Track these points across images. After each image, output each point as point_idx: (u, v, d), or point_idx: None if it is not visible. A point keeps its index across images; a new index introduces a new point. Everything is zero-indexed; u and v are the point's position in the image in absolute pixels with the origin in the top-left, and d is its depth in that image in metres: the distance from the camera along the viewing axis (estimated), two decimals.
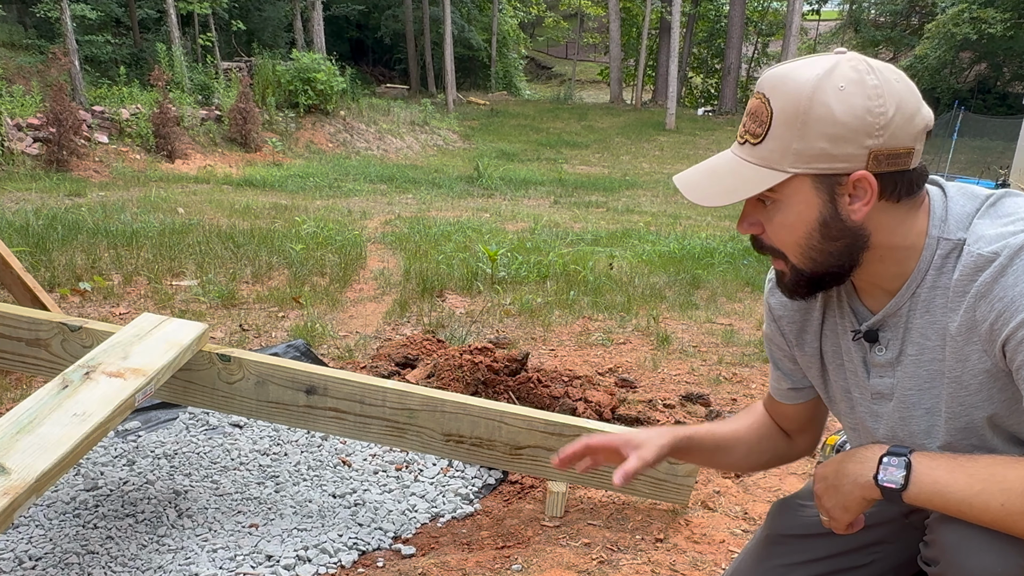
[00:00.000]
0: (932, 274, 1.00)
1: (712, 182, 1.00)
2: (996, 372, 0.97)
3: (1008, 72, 27.20)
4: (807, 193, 0.96)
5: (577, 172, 15.16)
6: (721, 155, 1.02)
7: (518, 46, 31.91)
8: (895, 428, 1.10)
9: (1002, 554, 0.92)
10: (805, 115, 0.92)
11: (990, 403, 1.00)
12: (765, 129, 0.95)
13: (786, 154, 0.94)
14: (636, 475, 1.14)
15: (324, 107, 15.63)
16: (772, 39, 33.14)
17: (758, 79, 1.00)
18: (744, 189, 0.97)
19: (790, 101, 0.93)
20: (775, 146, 0.95)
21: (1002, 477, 0.89)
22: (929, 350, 1.03)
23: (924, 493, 0.93)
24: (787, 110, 0.94)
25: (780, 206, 0.98)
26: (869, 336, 1.08)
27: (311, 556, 1.84)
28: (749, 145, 0.98)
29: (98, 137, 11.18)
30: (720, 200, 0.98)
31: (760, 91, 0.97)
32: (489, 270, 4.92)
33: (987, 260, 0.93)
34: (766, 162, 0.96)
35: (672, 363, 3.35)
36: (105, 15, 16.06)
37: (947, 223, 1.00)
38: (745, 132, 0.99)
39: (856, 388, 1.15)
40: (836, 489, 1.03)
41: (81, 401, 1.57)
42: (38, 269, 4.41)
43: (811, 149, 0.94)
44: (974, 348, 0.97)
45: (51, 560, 1.77)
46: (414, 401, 1.95)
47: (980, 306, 0.94)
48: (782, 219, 0.98)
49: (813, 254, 0.99)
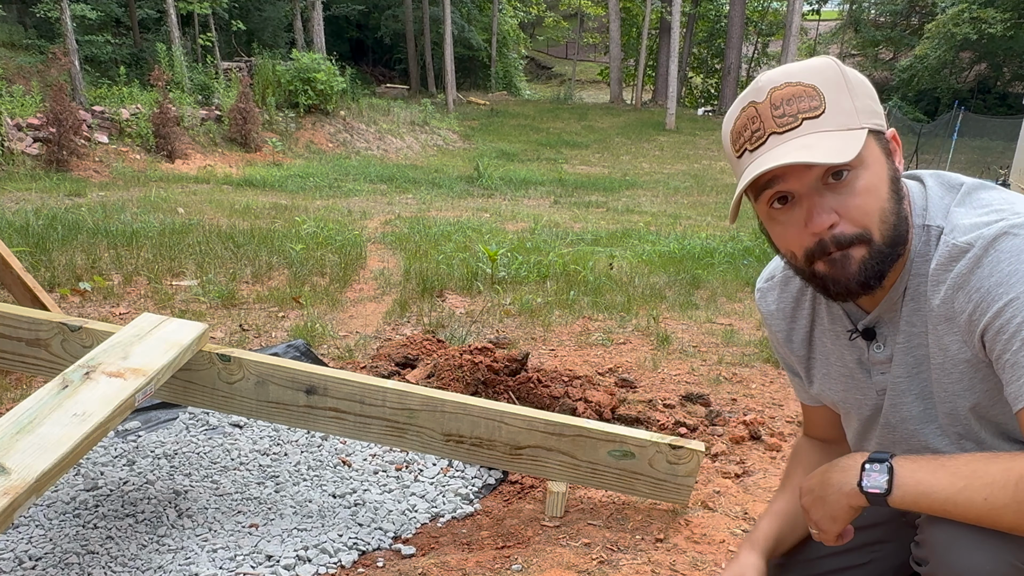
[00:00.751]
0: (917, 261, 1.02)
1: (819, 151, 0.93)
2: (976, 362, 0.98)
3: (1008, 72, 27.21)
4: (876, 151, 0.97)
5: (577, 172, 15.16)
6: (788, 139, 0.95)
7: (518, 46, 31.92)
8: (888, 416, 1.12)
9: (991, 552, 0.93)
10: (846, 80, 0.96)
11: (972, 392, 1.01)
12: (821, 100, 0.95)
13: (852, 113, 0.95)
14: None
15: (324, 107, 15.63)
16: (772, 39, 33.15)
17: (760, 86, 0.98)
18: (851, 147, 0.92)
19: (827, 73, 0.97)
20: (839, 109, 0.95)
21: (984, 472, 0.90)
22: (915, 336, 1.04)
23: (909, 495, 0.94)
24: (830, 80, 0.96)
25: (859, 172, 0.95)
26: (867, 334, 1.09)
27: (311, 556, 1.84)
28: (810, 120, 0.95)
29: (98, 137, 11.18)
30: (846, 155, 0.91)
31: (784, 82, 0.97)
32: (489, 270, 4.92)
33: (961, 251, 0.95)
34: (843, 126, 0.95)
35: (672, 363, 3.35)
36: (105, 15, 16.06)
37: (928, 211, 1.02)
38: (796, 113, 0.95)
39: (854, 392, 1.16)
40: (822, 500, 1.04)
41: (81, 401, 1.57)
42: (38, 269, 4.41)
43: (866, 107, 0.97)
44: (954, 339, 0.99)
45: (51, 560, 1.77)
46: (414, 401, 1.95)
47: (958, 297, 0.96)
48: (865, 183, 0.95)
49: (892, 219, 0.97)
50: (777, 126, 0.96)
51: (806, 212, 0.97)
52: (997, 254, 0.92)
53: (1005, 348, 0.91)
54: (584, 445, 1.93)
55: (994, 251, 0.92)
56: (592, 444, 1.93)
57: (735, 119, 1.01)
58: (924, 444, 1.10)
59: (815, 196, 0.96)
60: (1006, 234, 0.92)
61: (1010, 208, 0.95)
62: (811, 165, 0.93)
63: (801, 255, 1.00)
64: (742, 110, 1.00)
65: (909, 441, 1.12)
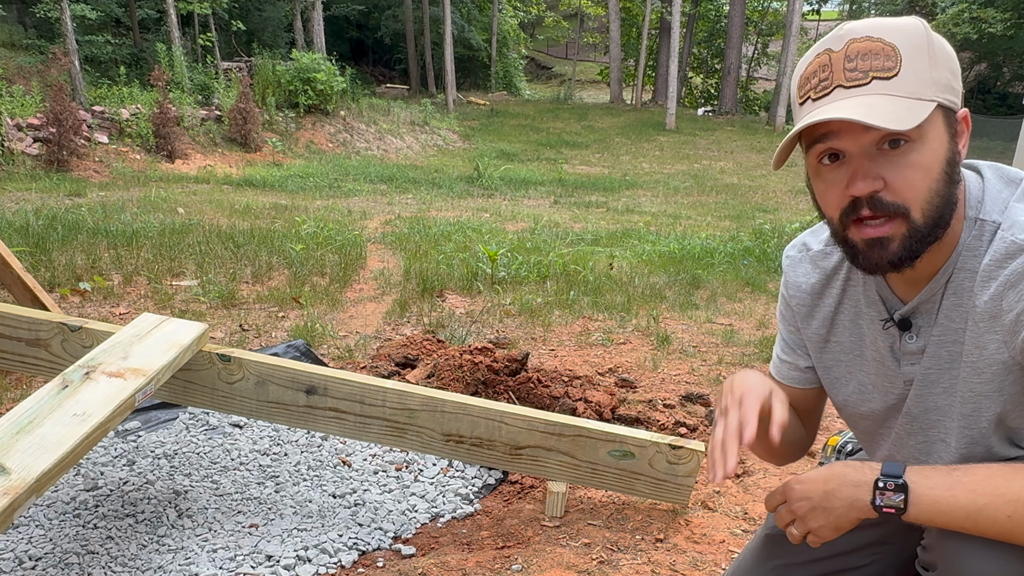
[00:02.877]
0: (965, 255, 0.98)
1: (878, 113, 0.89)
2: (1012, 365, 0.96)
3: (1008, 72, 27.21)
4: (940, 128, 0.92)
5: (577, 172, 15.16)
6: (853, 95, 0.92)
7: (518, 46, 31.91)
8: (911, 406, 1.09)
9: (1001, 560, 0.92)
10: (930, 46, 0.92)
11: (1000, 395, 0.99)
12: (897, 62, 0.91)
13: (925, 83, 0.91)
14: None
15: (324, 107, 15.63)
16: (772, 39, 33.13)
17: (841, 34, 0.94)
18: (914, 117, 0.88)
19: (911, 35, 0.92)
20: (914, 76, 0.90)
21: (1006, 489, 0.89)
22: (952, 331, 1.01)
23: (925, 514, 0.93)
24: (913, 41, 0.91)
25: (917, 145, 0.91)
26: (902, 324, 1.06)
27: (311, 556, 1.84)
28: (880, 81, 0.90)
29: (98, 137, 11.18)
30: (907, 123, 0.88)
31: (865, 35, 0.92)
32: (489, 270, 4.92)
33: (1019, 248, 0.92)
34: (911, 93, 0.90)
35: (672, 363, 3.35)
36: (105, 15, 16.06)
37: (983, 204, 0.98)
38: (868, 70, 0.91)
39: (882, 378, 1.12)
40: (827, 511, 1.01)
41: (81, 401, 1.57)
42: (38, 269, 4.41)
43: (943, 78, 0.92)
44: (993, 337, 0.96)
45: (51, 560, 1.77)
46: (414, 401, 1.95)
47: (1008, 295, 0.93)
48: (919, 158, 0.91)
49: (938, 201, 0.92)
50: (846, 80, 0.92)
51: (852, 173, 0.93)
52: None
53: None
54: (584, 445, 1.93)
55: None
56: (592, 444, 1.93)
57: (807, 64, 0.97)
58: (941, 437, 1.08)
59: (865, 159, 0.92)
60: None
61: None
62: (868, 127, 0.89)
63: (837, 216, 0.97)
64: (816, 56, 0.96)
65: (927, 432, 1.09)
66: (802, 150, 1.00)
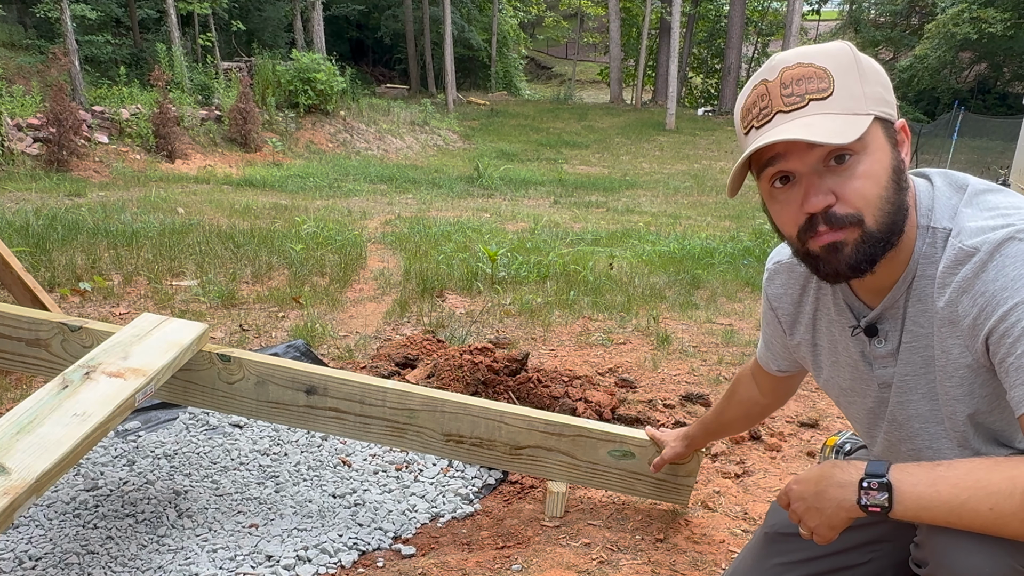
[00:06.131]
0: (923, 263, 1.02)
1: (819, 130, 0.94)
2: (977, 368, 0.99)
3: (1008, 72, 27.20)
4: (880, 139, 0.97)
5: (577, 172, 15.16)
6: (793, 119, 0.97)
7: (518, 46, 31.92)
8: (895, 412, 1.12)
9: (991, 555, 0.93)
10: (858, 65, 0.97)
11: (971, 398, 1.01)
12: (830, 83, 0.96)
13: (859, 98, 0.96)
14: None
15: (324, 107, 15.63)
16: (772, 39, 33.15)
17: (773, 64, 1.00)
18: (852, 130, 0.94)
19: (839, 57, 0.97)
20: (847, 93, 0.95)
21: (987, 482, 0.90)
22: (922, 337, 1.04)
23: (910, 510, 0.94)
24: (842, 63, 0.97)
25: (861, 157, 0.96)
26: (869, 330, 1.10)
27: (311, 556, 1.84)
28: (817, 102, 0.96)
29: (98, 137, 11.18)
30: (848, 137, 0.93)
31: (796, 62, 0.98)
32: (489, 270, 4.92)
33: (967, 254, 0.95)
34: (848, 110, 0.95)
35: (672, 363, 3.35)
36: (105, 15, 16.06)
37: (934, 212, 1.02)
38: (804, 93, 0.96)
39: (858, 382, 1.16)
40: (819, 511, 1.03)
41: (81, 401, 1.57)
42: (38, 269, 4.41)
43: (875, 93, 0.97)
44: (956, 342, 0.99)
45: (51, 560, 1.77)
46: (414, 401, 1.95)
47: (962, 301, 0.96)
48: (866, 169, 0.96)
49: (888, 207, 0.97)
50: (784, 105, 0.97)
51: (804, 191, 0.98)
52: (1003, 259, 0.92)
53: (1008, 352, 0.91)
54: (584, 445, 1.93)
55: (1000, 256, 0.92)
56: (592, 444, 1.93)
57: (746, 96, 1.03)
58: (928, 444, 1.10)
59: (815, 177, 0.97)
60: (1012, 239, 0.92)
61: (1017, 213, 0.95)
62: (813, 145, 0.94)
63: (795, 234, 1.01)
64: (754, 88, 1.01)
65: (914, 440, 1.12)
66: (754, 177, 1.05)
